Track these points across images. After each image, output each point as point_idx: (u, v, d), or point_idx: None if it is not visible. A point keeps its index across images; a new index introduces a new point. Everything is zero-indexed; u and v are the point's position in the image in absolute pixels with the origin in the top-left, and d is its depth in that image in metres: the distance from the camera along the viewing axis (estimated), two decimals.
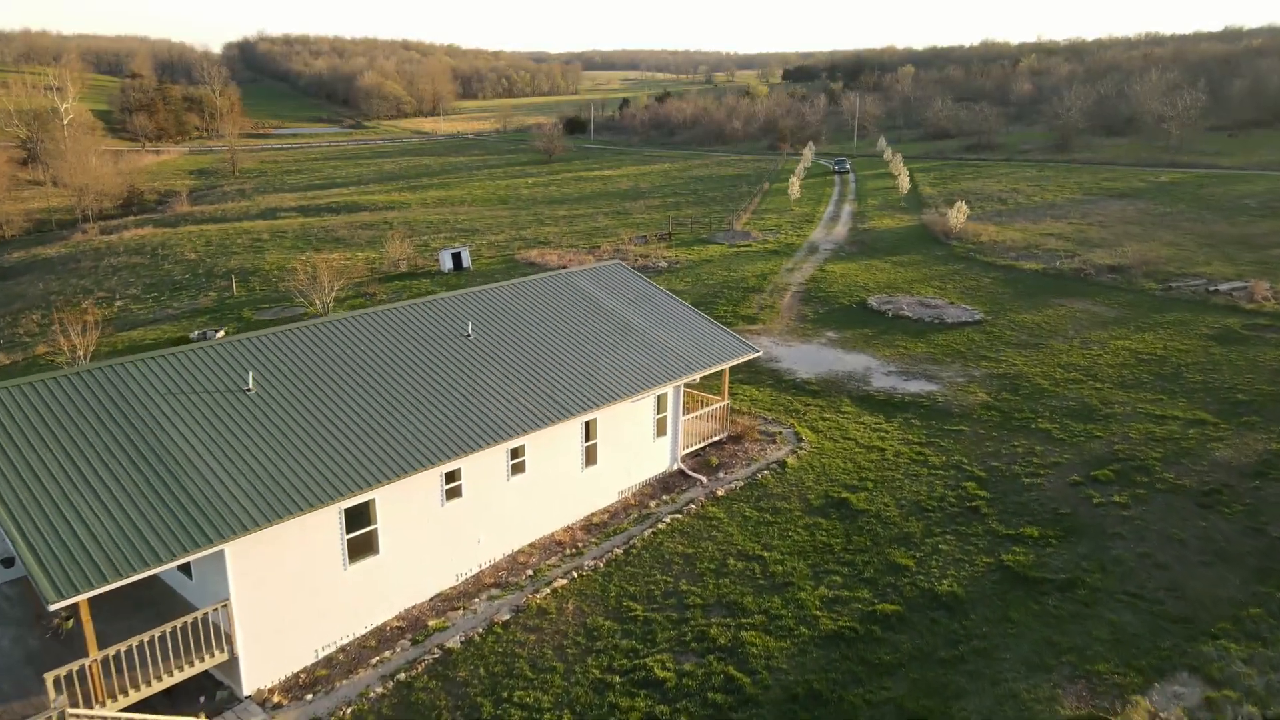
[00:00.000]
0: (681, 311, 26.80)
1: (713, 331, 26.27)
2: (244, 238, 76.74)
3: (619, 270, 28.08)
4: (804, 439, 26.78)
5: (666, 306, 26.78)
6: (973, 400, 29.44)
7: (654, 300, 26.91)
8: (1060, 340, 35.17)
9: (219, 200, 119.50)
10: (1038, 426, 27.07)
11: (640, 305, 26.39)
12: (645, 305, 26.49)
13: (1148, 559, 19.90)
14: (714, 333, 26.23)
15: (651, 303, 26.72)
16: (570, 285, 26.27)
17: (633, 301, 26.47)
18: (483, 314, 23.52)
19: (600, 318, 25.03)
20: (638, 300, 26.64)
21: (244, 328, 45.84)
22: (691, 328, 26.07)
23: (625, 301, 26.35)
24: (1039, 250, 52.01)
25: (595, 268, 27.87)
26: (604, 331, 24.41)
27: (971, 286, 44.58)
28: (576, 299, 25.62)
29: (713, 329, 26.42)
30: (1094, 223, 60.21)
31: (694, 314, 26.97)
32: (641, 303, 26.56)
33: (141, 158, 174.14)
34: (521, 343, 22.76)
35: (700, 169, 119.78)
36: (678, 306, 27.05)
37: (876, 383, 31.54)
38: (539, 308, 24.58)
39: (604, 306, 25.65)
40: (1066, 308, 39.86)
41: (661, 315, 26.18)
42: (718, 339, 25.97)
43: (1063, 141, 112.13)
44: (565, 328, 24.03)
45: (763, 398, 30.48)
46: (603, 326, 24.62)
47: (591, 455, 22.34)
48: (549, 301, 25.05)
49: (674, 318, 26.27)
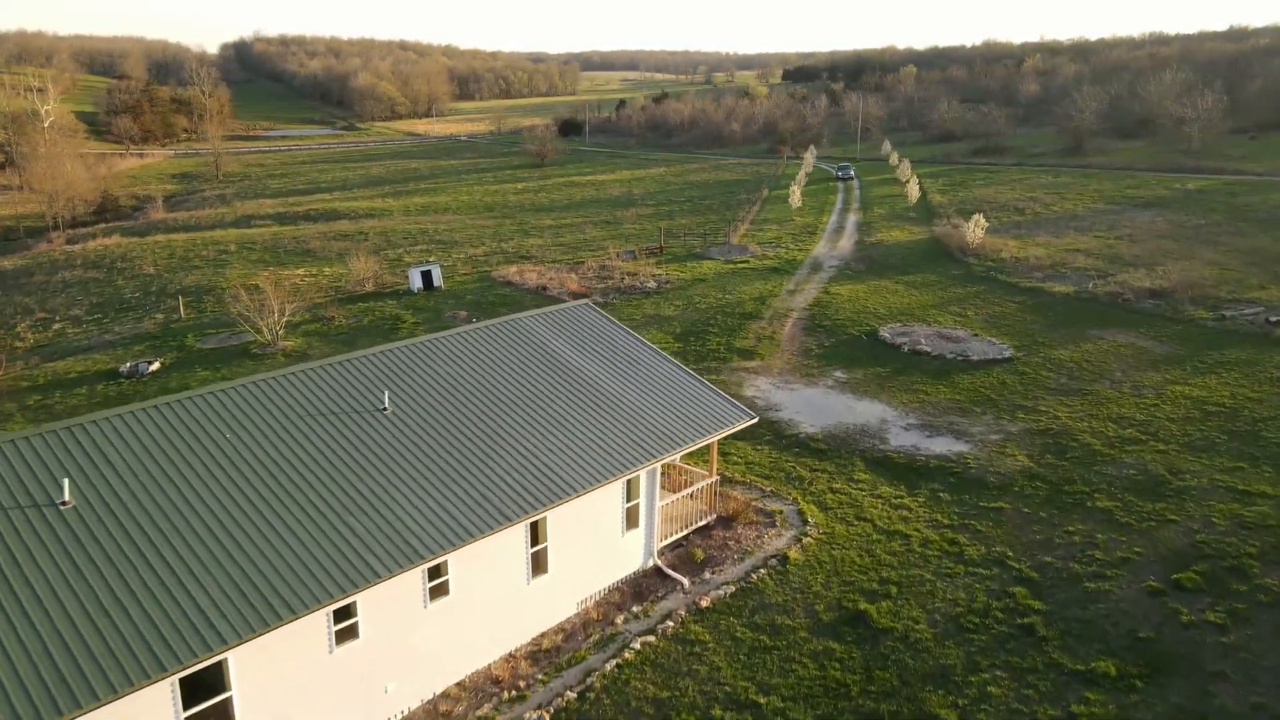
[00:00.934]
0: (660, 367, 21.93)
1: (699, 393, 21.40)
2: (210, 249, 71.95)
3: (586, 313, 23.22)
4: (810, 520, 21.93)
5: (642, 360, 21.92)
6: (1011, 465, 24.57)
7: (627, 352, 22.05)
8: (1107, 384, 30.29)
9: (197, 206, 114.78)
10: (1095, 504, 22.20)
11: (610, 360, 21.54)
12: (616, 359, 21.64)
13: (1264, 713, 15.08)
14: (700, 395, 21.36)
15: (624, 356, 21.86)
16: (524, 335, 21.41)
17: (601, 354, 21.61)
18: (407, 378, 18.68)
19: (559, 379, 20.17)
20: (607, 353, 21.79)
21: (186, 358, 41.09)
22: (673, 388, 21.20)
23: (592, 355, 21.50)
24: (1067, 270, 47.12)
25: (558, 311, 23.02)
26: (562, 398, 19.55)
27: (996, 314, 39.70)
28: (530, 354, 20.77)
29: (699, 390, 21.54)
30: (1122, 236, 55.32)
31: (676, 370, 22.10)
32: (612, 356, 21.71)
33: (124, 161, 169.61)
34: (453, 418, 17.91)
35: (697, 173, 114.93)
36: (656, 360, 22.17)
37: (895, 439, 26.68)
38: (481, 368, 19.73)
39: (564, 363, 20.80)
40: (1108, 341, 34.96)
41: (636, 373, 21.32)
42: (705, 403, 21.09)
43: (1076, 144, 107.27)
44: (513, 394, 19.17)
45: (760, 459, 25.64)
46: (561, 391, 19.76)
47: (541, 562, 17.50)
48: (495, 358, 20.20)
49: (651, 376, 21.40)
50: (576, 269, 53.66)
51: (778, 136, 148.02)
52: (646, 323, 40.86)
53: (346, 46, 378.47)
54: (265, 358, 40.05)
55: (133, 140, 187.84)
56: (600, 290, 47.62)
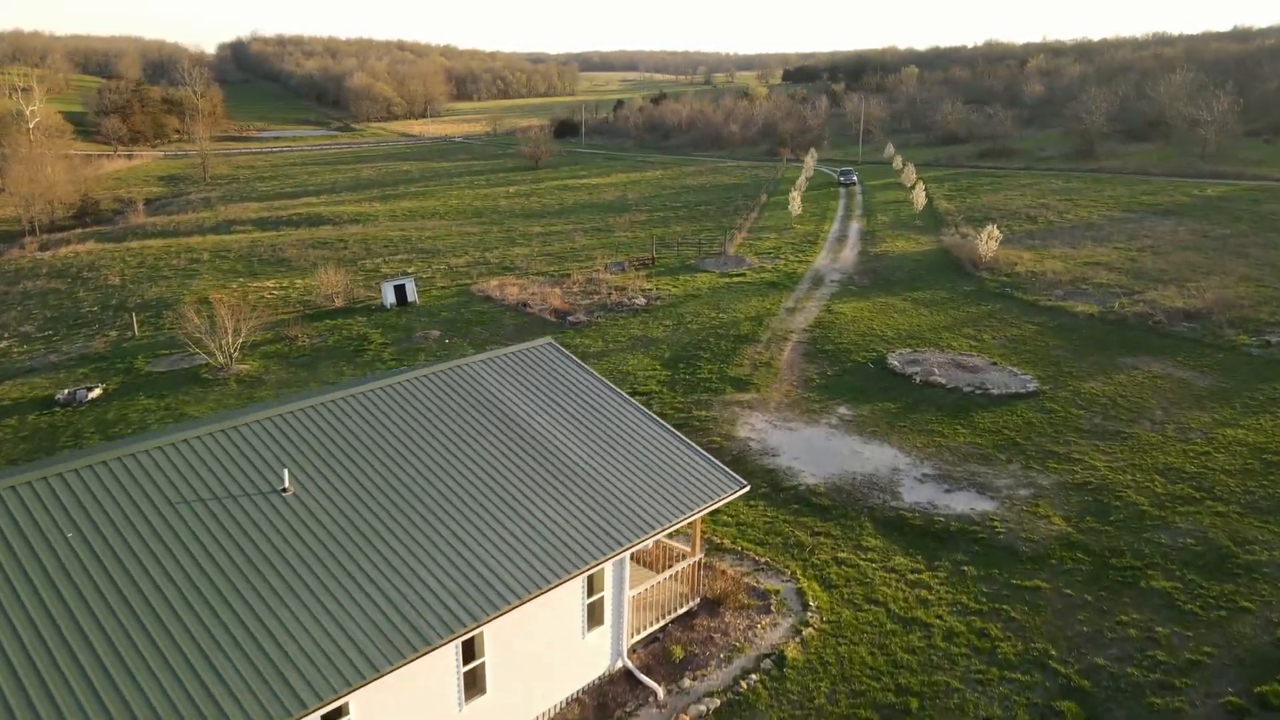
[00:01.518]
0: (634, 423, 18.44)
1: (680, 457, 17.91)
2: (181, 258, 68.63)
3: (548, 355, 19.73)
4: (812, 603, 18.48)
5: (612, 415, 18.44)
6: (1046, 530, 21.11)
7: (595, 405, 18.58)
8: (1147, 425, 26.79)
9: (180, 210, 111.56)
10: (1150, 584, 18.74)
11: (574, 416, 18.07)
12: (582, 415, 18.17)
13: None
14: (682, 459, 17.88)
15: (591, 410, 18.39)
16: (469, 387, 17.94)
17: (563, 409, 18.14)
18: (318, 446, 15.21)
19: (510, 443, 16.71)
20: (571, 406, 18.32)
21: (132, 382, 37.69)
22: (649, 451, 17.72)
23: (552, 410, 18.04)
24: (1088, 286, 43.62)
25: (514, 354, 19.52)
26: (513, 469, 16.09)
27: (1014, 338, 36.23)
28: (476, 411, 17.30)
29: (680, 452, 18.06)
30: (1144, 248, 51.85)
31: (652, 427, 18.59)
32: (576, 411, 18.24)
33: (112, 162, 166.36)
34: (371, 501, 14.45)
35: (694, 177, 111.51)
36: (628, 414, 18.68)
37: (909, 494, 23.22)
38: (413, 431, 16.27)
39: (517, 422, 17.33)
40: (1142, 372, 31.46)
41: (605, 432, 17.85)
42: (687, 470, 17.61)
43: (1086, 147, 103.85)
44: (450, 466, 15.72)
45: (754, 519, 22.18)
46: (511, 460, 16.30)
47: (477, 682, 14.06)
48: (431, 418, 16.74)
49: (623, 435, 17.93)
50: (561, 282, 50.24)
51: (777, 138, 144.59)
52: (633, 346, 37.44)
53: (344, 47, 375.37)
54: (216, 384, 36.65)
55: (121, 141, 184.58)
56: (585, 307, 44.19)
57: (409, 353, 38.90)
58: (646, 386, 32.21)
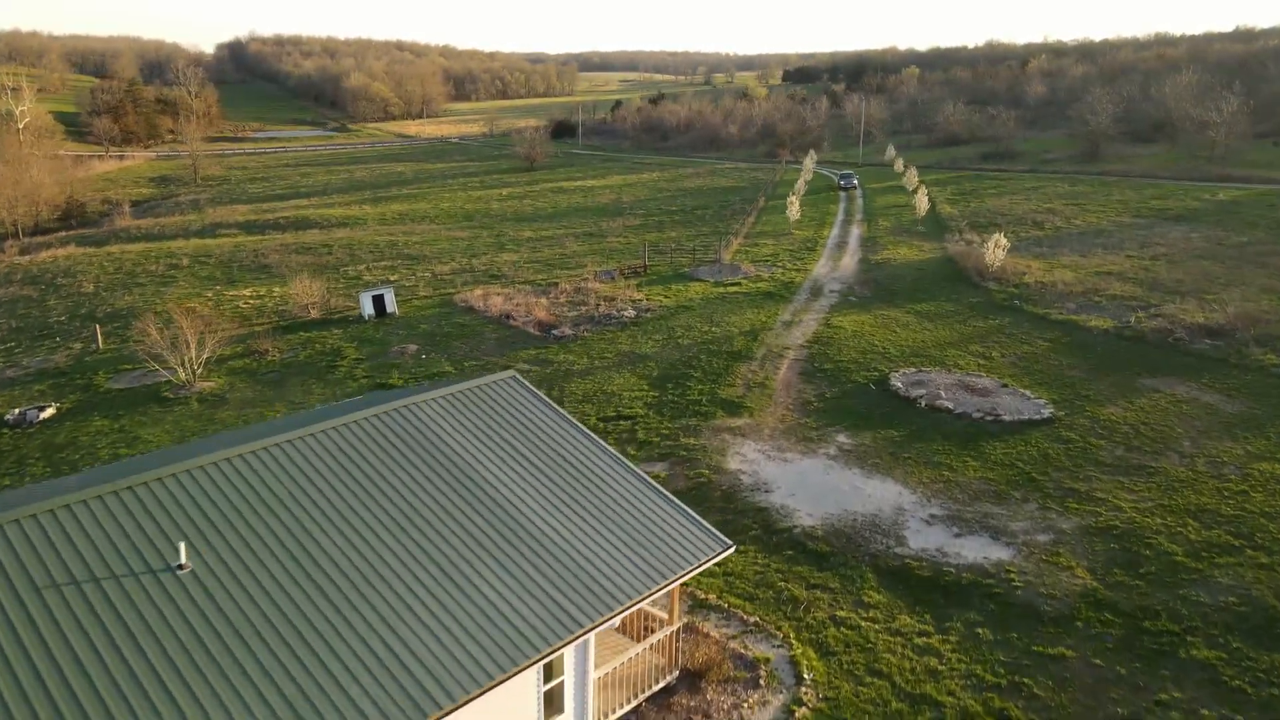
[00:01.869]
0: (605, 473, 16.21)
1: (657, 513, 15.67)
2: (160, 264, 66.44)
3: (511, 393, 17.51)
4: (807, 674, 16.28)
5: (581, 464, 16.22)
6: (1069, 584, 18.91)
7: (562, 452, 16.35)
8: (1175, 458, 24.58)
9: (168, 212, 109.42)
10: (1191, 654, 16.53)
11: (536, 465, 15.85)
12: (545, 464, 15.95)
13: None
14: (659, 515, 15.64)
15: (556, 458, 16.17)
16: (418, 432, 15.71)
17: (524, 458, 15.93)
18: (227, 510, 12.99)
19: (459, 502, 14.48)
20: (534, 454, 16.10)
21: (89, 401, 35.54)
22: (621, 507, 15.49)
23: (511, 459, 15.82)
24: (1102, 299, 41.39)
25: (473, 390, 17.29)
26: (461, 533, 13.86)
27: (1025, 355, 34.01)
28: (423, 462, 15.07)
29: (657, 508, 15.82)
30: (1157, 256, 49.63)
31: (625, 475, 16.35)
32: (539, 459, 16.02)
33: (103, 163, 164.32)
34: (286, 578, 12.24)
35: (691, 179, 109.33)
36: (599, 462, 16.44)
37: (915, 538, 21.01)
38: (343, 487, 14.05)
39: (470, 476, 15.10)
40: (1164, 395, 29.24)
41: (571, 484, 15.62)
42: (665, 528, 15.38)
43: (1091, 150, 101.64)
44: (384, 532, 13.49)
45: (743, 568, 19.99)
46: (460, 523, 14.06)
47: None
48: (367, 472, 14.51)
49: (592, 488, 15.70)
50: (548, 292, 48.05)
51: (777, 140, 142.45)
52: (620, 363, 35.25)
53: (342, 47, 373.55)
54: (177, 403, 34.49)
55: (113, 142, 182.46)
56: (571, 320, 42.00)
57: (383, 369, 36.72)
58: (632, 409, 30.04)
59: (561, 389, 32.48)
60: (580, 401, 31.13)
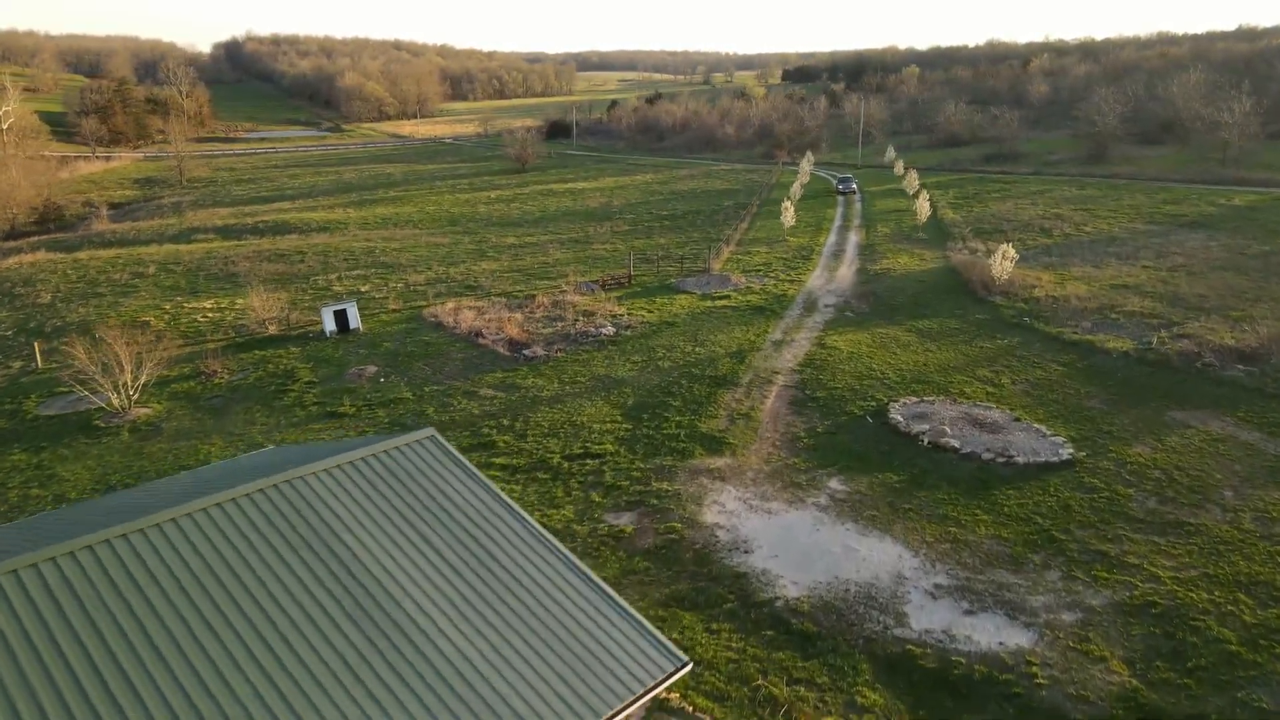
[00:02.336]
0: (537, 567, 13.02)
1: (599, 621, 12.48)
2: (126, 271, 63.44)
3: (427, 460, 14.34)
4: None
5: (507, 555, 13.03)
6: (1104, 683, 15.77)
7: (484, 540, 13.17)
8: (1217, 512, 21.41)
9: (148, 215, 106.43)
10: None
11: (451, 560, 12.70)
12: (463, 557, 12.79)
13: None
14: (601, 624, 12.44)
15: (478, 548, 12.99)
16: (298, 515, 12.56)
17: (436, 550, 12.77)
18: (18, 642, 9.88)
19: (344, 616, 11.34)
20: (450, 544, 12.95)
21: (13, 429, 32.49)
22: (555, 613, 12.32)
23: (419, 553, 12.67)
24: (1119, 315, 38.16)
25: (380, 456, 14.12)
26: (341, 661, 10.73)
27: (1038, 382, 30.82)
28: (300, 560, 11.93)
29: (599, 612, 12.61)
30: (1176, 267, 46.42)
31: (560, 571, 13.15)
32: (456, 551, 12.87)
33: (89, 165, 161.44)
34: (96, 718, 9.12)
35: (685, 181, 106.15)
36: (531, 552, 13.27)
37: (917, 616, 17.86)
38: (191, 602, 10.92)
39: (361, 576, 11.96)
40: (1197, 432, 26.05)
41: (493, 584, 12.46)
42: (608, 641, 12.18)
43: (1098, 151, 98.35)
44: (238, 665, 10.37)
45: (714, 652, 16.85)
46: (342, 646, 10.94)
47: None
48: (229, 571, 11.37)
49: (519, 589, 12.52)
50: (524, 306, 44.91)
51: (774, 140, 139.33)
52: (593, 389, 32.12)
53: (339, 46, 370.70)
54: (107, 433, 31.44)
55: (100, 142, 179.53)
56: (545, 338, 38.88)
57: (336, 394, 33.60)
58: (602, 445, 26.91)
59: (526, 420, 29.37)
60: (545, 435, 28.02)
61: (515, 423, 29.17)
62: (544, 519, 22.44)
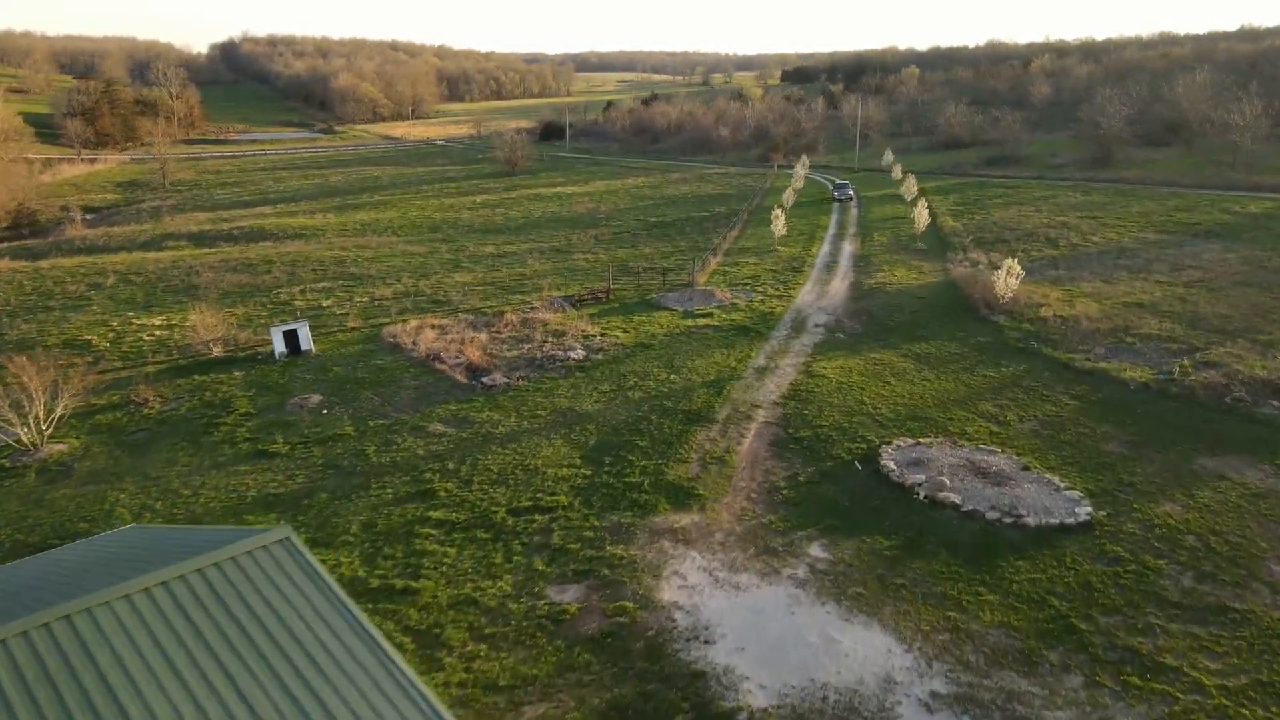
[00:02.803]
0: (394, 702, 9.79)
1: None
2: (81, 283, 60.34)
3: (272, 578, 11.05)
4: None
5: (362, 707, 9.80)
6: None
7: (333, 689, 9.95)
8: (1265, 593, 18.09)
9: (125, 220, 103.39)
10: None
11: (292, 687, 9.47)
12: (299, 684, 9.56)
13: None
14: None
15: (317, 705, 9.78)
16: (73, 671, 9.33)
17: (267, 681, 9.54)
18: None
19: None
20: (281, 696, 9.72)
21: None
22: None
23: (254, 675, 9.44)
24: (1135, 339, 34.85)
25: (211, 571, 10.90)
26: None
27: (1049, 420, 27.52)
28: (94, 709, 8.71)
29: None
30: (1193, 283, 43.11)
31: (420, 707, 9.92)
32: (288, 709, 9.63)
33: (72, 167, 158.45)
34: None
35: (677, 185, 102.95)
36: (393, 710, 10.02)
37: None
38: None
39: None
40: (1233, 485, 22.76)
41: None
42: None
43: (1102, 154, 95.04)
44: None
45: None
46: None
47: None
48: None
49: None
50: (491, 324, 41.67)
51: (770, 143, 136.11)
52: (553, 424, 28.87)
53: (335, 47, 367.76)
54: (12, 475, 28.21)
55: (86, 144, 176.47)
56: (508, 362, 35.64)
57: (270, 429, 30.35)
58: (554, 496, 23.67)
59: (474, 463, 26.12)
60: (493, 482, 24.78)
61: (461, 467, 25.94)
62: (476, 593, 19.22)
